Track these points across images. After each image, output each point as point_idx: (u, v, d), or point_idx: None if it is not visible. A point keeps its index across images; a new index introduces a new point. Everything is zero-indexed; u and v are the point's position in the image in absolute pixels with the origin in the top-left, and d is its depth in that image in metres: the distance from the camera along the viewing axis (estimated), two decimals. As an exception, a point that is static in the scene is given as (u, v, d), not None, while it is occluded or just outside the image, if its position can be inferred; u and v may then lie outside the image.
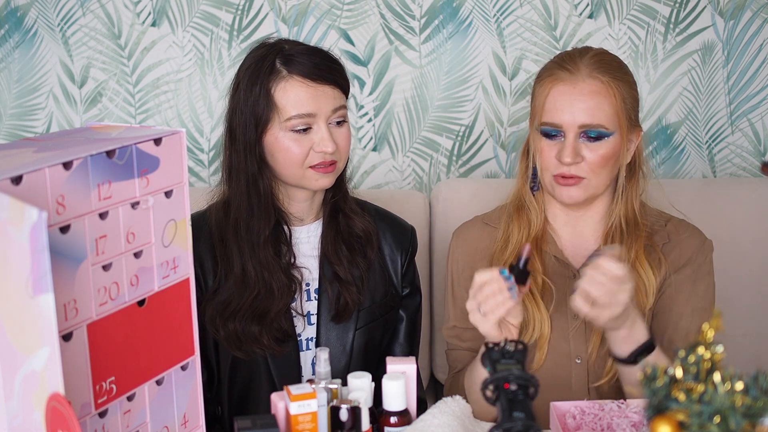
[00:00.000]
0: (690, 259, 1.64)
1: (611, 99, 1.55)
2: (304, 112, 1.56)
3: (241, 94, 1.59)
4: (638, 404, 1.38)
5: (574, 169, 1.55)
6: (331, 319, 1.65)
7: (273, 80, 1.57)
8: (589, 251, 1.64)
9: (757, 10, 2.32)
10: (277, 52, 1.59)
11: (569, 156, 1.54)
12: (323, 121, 1.58)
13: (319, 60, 1.59)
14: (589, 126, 1.54)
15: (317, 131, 1.58)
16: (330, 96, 1.59)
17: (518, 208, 1.67)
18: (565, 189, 1.57)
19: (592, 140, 1.55)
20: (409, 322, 1.76)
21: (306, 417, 1.29)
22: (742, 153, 2.39)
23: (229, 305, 1.59)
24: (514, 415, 1.02)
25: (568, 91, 1.55)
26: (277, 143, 1.58)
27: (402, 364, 1.39)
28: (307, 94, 1.57)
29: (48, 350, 0.92)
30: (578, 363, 1.60)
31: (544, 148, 1.58)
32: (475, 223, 1.74)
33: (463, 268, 1.69)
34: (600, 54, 1.60)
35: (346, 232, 1.68)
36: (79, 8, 2.30)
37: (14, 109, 2.34)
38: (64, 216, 0.98)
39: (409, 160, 2.37)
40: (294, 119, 1.56)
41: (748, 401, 0.88)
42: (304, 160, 1.58)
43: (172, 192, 1.13)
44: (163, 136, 1.10)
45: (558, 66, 1.59)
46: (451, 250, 1.73)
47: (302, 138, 1.58)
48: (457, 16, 2.31)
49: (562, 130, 1.55)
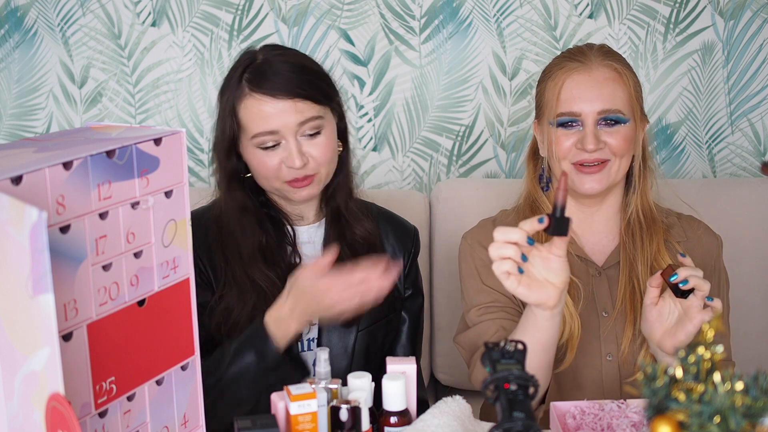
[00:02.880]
0: (714, 267, 1.65)
1: (625, 86, 1.57)
2: (266, 130, 1.54)
3: (220, 107, 1.60)
4: (638, 404, 1.38)
5: (598, 153, 1.55)
6: (341, 324, 1.64)
7: (237, 97, 1.56)
8: (608, 247, 1.64)
9: (757, 10, 2.32)
10: (248, 65, 1.57)
11: (592, 143, 1.53)
12: (291, 136, 1.55)
13: (287, 74, 1.55)
14: (607, 111, 1.54)
15: (285, 147, 1.55)
16: (294, 111, 1.54)
17: (531, 210, 1.65)
18: (588, 177, 1.56)
19: (610, 125, 1.55)
20: (412, 323, 1.75)
21: (306, 417, 1.29)
22: (742, 153, 2.39)
23: (230, 315, 1.58)
24: (514, 415, 1.02)
25: (583, 79, 1.55)
26: (251, 158, 1.58)
27: (402, 364, 1.39)
28: (268, 112, 1.53)
29: (48, 350, 0.92)
30: (609, 360, 1.59)
31: (561, 138, 1.56)
32: (485, 226, 1.70)
33: (483, 263, 1.62)
34: (606, 46, 1.62)
35: (349, 236, 1.67)
36: (79, 8, 2.30)
37: (14, 109, 2.34)
38: (64, 216, 0.98)
39: (409, 160, 2.37)
40: (258, 137, 1.55)
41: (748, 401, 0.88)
42: (276, 175, 1.57)
43: (172, 192, 1.13)
44: (163, 136, 1.10)
45: (567, 59, 1.59)
46: (468, 249, 1.67)
47: (272, 153, 1.56)
48: (457, 16, 2.30)
49: (581, 118, 1.55)
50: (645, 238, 1.61)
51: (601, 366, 1.59)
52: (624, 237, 1.63)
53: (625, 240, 1.62)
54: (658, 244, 1.61)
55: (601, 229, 1.66)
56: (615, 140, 1.55)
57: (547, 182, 1.66)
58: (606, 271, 1.63)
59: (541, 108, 1.62)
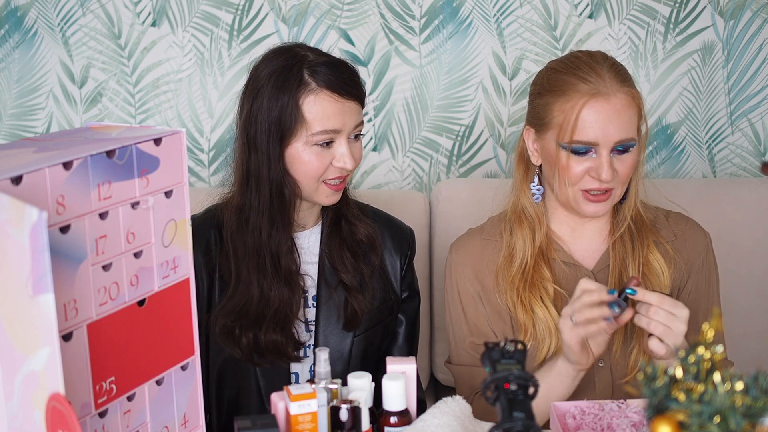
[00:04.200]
0: (702, 263, 1.65)
1: (636, 110, 1.54)
2: (331, 128, 1.54)
3: (264, 102, 1.55)
4: (638, 404, 1.38)
5: (607, 183, 1.53)
6: (343, 327, 1.63)
7: (302, 92, 1.54)
8: (598, 251, 1.64)
9: (757, 10, 2.32)
10: (303, 62, 1.56)
11: (608, 174, 1.51)
12: (345, 137, 1.56)
13: (346, 74, 1.57)
14: (624, 141, 1.52)
15: (338, 146, 1.55)
16: (355, 111, 1.57)
17: (519, 219, 1.63)
18: (593, 205, 1.55)
19: (621, 153, 1.53)
20: (409, 325, 1.74)
21: (306, 417, 1.29)
22: (742, 153, 2.39)
23: (247, 314, 1.57)
24: (514, 415, 1.02)
25: (602, 108, 1.51)
26: (298, 156, 1.55)
27: (402, 364, 1.39)
28: (335, 109, 1.54)
29: (48, 350, 0.92)
30: (601, 366, 1.59)
31: (572, 165, 1.53)
32: (473, 236, 1.69)
33: (471, 282, 1.65)
34: (613, 61, 1.57)
35: (349, 238, 1.66)
36: (79, 8, 2.30)
37: (14, 109, 2.34)
38: (64, 216, 0.98)
39: (409, 160, 2.37)
40: (320, 134, 1.54)
41: (748, 401, 0.88)
42: (322, 174, 1.56)
43: (172, 192, 1.13)
44: (163, 136, 1.10)
45: (580, 79, 1.53)
46: (454, 266, 1.67)
47: (323, 152, 1.55)
48: (457, 16, 2.30)
49: (596, 147, 1.52)
50: (636, 241, 1.61)
51: (593, 372, 1.59)
52: (615, 241, 1.62)
53: (616, 244, 1.62)
54: (648, 246, 1.60)
55: (591, 233, 1.65)
56: (624, 168, 1.53)
57: (539, 193, 1.64)
58: (597, 275, 1.62)
59: (546, 123, 1.57)
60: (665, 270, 1.60)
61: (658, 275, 1.59)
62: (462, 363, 1.67)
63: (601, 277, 1.62)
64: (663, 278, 1.59)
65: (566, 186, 1.55)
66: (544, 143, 1.58)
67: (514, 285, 1.59)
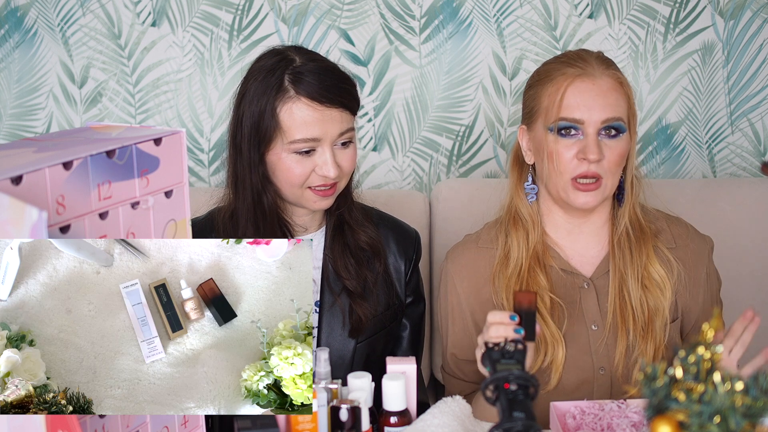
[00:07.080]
0: (707, 274, 1.65)
1: (625, 96, 1.55)
2: (309, 137, 1.52)
3: (246, 106, 1.54)
4: (638, 404, 1.38)
5: (595, 166, 1.52)
6: (349, 335, 1.63)
7: (279, 99, 1.52)
8: (597, 257, 1.63)
9: (757, 10, 2.32)
10: (286, 67, 1.53)
11: (595, 152, 1.51)
12: (328, 145, 1.53)
13: (329, 81, 1.53)
14: (611, 120, 1.52)
15: (321, 154, 1.53)
16: (337, 120, 1.53)
17: (514, 221, 1.63)
18: (582, 195, 1.54)
19: (611, 137, 1.53)
20: (413, 330, 1.73)
21: (306, 417, 1.29)
22: (742, 153, 2.39)
23: None
24: (514, 415, 1.02)
25: (587, 87, 1.53)
26: (279, 162, 1.54)
27: (402, 364, 1.39)
28: (314, 118, 1.51)
29: (48, 350, 0.92)
30: (602, 374, 1.59)
31: (561, 151, 1.53)
32: (469, 245, 1.68)
33: (466, 296, 1.64)
34: (603, 54, 1.60)
35: (353, 244, 1.65)
36: (79, 8, 2.30)
37: (14, 109, 2.34)
38: (64, 216, 0.98)
39: (409, 160, 2.37)
40: (298, 142, 1.52)
41: (748, 401, 0.88)
42: (304, 181, 1.54)
43: (172, 192, 1.13)
44: (163, 136, 1.10)
45: (566, 64, 1.56)
46: (449, 277, 1.67)
47: (305, 159, 1.53)
48: (457, 16, 2.31)
49: (582, 127, 1.52)
50: (634, 249, 1.59)
51: (593, 380, 1.58)
52: (614, 248, 1.61)
53: (615, 251, 1.60)
54: (648, 253, 1.59)
55: (589, 239, 1.63)
56: (612, 154, 1.53)
57: (533, 192, 1.63)
58: (595, 282, 1.61)
59: (535, 112, 1.58)
60: (666, 283, 1.59)
61: (660, 288, 1.58)
62: (445, 370, 1.70)
63: (599, 284, 1.61)
64: (665, 290, 1.58)
65: (557, 175, 1.55)
66: (534, 135, 1.59)
67: (510, 288, 1.59)
